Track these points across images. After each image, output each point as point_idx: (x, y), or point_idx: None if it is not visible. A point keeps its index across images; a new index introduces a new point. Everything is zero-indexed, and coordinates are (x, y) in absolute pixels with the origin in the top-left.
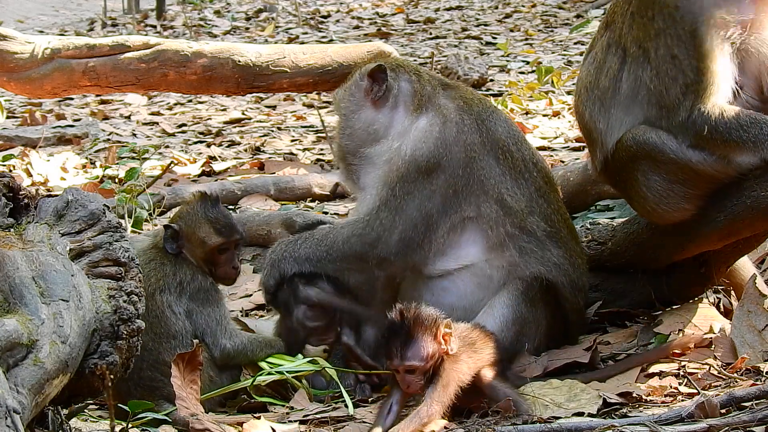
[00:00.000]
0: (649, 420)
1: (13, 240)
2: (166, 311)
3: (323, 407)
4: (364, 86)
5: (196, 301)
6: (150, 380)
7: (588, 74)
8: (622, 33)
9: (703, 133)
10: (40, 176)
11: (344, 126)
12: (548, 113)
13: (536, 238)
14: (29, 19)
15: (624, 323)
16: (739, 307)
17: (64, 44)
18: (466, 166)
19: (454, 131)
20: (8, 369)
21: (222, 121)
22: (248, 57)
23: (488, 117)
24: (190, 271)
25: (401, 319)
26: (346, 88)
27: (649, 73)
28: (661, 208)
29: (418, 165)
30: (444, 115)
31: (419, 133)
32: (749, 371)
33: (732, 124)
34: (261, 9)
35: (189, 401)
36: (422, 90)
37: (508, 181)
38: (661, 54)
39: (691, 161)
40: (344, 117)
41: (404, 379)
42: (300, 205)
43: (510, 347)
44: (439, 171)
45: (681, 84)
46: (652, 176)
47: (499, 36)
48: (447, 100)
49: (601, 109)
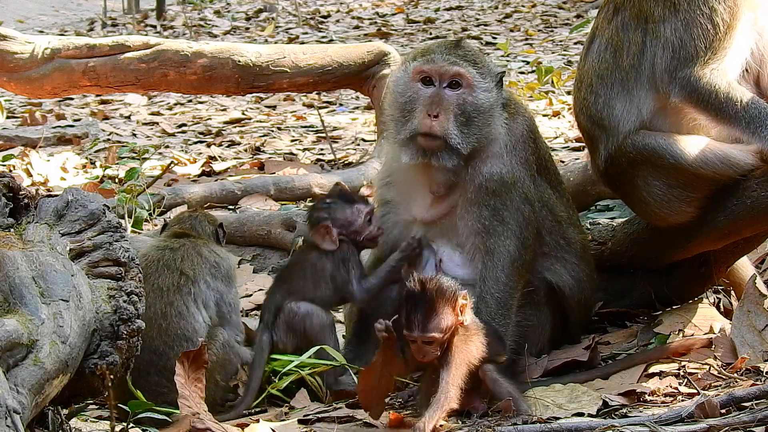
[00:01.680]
0: (649, 420)
1: (13, 240)
2: (185, 311)
3: (324, 407)
4: (497, 89)
5: (221, 278)
6: (156, 385)
7: (602, 60)
8: (641, 6)
9: (703, 95)
10: (40, 176)
11: (479, 122)
12: (548, 113)
13: (575, 250)
14: (29, 19)
15: (624, 323)
16: (739, 307)
17: (64, 44)
18: (531, 181)
19: (524, 152)
20: (8, 369)
21: (222, 121)
22: (248, 57)
23: (537, 131)
24: (223, 252)
25: (422, 290)
26: (485, 78)
27: (676, 25)
28: (663, 212)
29: (504, 181)
30: (519, 130)
31: (501, 149)
32: (749, 371)
33: (735, 97)
34: (261, 9)
35: (192, 400)
36: (509, 102)
37: (552, 193)
38: (687, 6)
39: (691, 165)
40: (481, 113)
41: (421, 349)
42: (300, 205)
43: (514, 348)
44: (516, 184)
45: (703, 37)
46: (652, 181)
47: (499, 36)
48: (519, 115)
49: (621, 92)
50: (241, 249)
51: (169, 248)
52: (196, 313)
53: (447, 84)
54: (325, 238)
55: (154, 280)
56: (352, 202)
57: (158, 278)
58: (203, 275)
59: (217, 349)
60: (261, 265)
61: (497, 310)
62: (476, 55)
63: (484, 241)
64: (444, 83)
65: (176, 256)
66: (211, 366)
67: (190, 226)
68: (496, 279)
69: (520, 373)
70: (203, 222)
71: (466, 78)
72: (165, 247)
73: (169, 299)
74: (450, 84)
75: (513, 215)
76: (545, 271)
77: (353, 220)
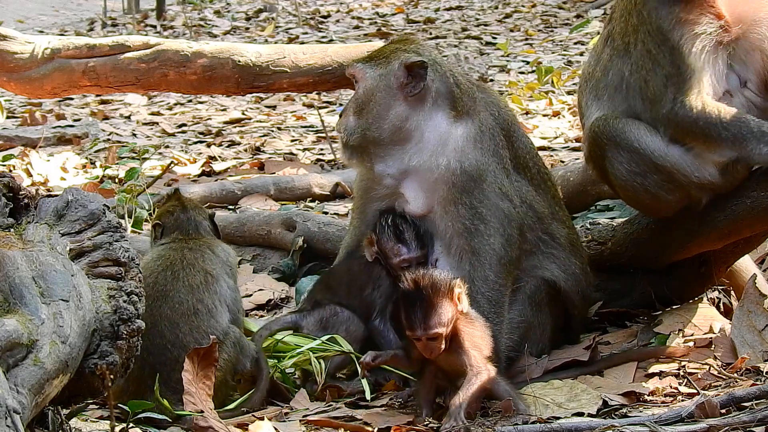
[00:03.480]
0: (649, 420)
1: (13, 240)
2: (214, 309)
3: (323, 407)
4: (401, 78)
5: (233, 278)
6: (177, 382)
7: (588, 65)
8: (614, 26)
9: (684, 126)
10: (40, 176)
11: (373, 113)
12: (548, 113)
13: (561, 245)
14: (29, 19)
15: (624, 323)
16: (739, 307)
17: (64, 44)
18: (505, 176)
19: (491, 145)
20: (8, 369)
21: (222, 121)
22: (248, 57)
23: (514, 128)
24: (229, 249)
25: (416, 288)
26: (376, 68)
27: (630, 67)
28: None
29: (470, 175)
30: (481, 125)
31: (462, 142)
32: (749, 371)
33: (712, 119)
34: (261, 9)
35: (198, 397)
36: (462, 96)
37: (532, 190)
38: (639, 49)
39: (667, 158)
40: (373, 102)
41: (427, 346)
42: (300, 205)
43: (513, 348)
44: (486, 178)
45: (660, 76)
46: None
47: (499, 36)
48: (484, 110)
49: (594, 100)
50: (241, 249)
51: (187, 248)
52: (223, 312)
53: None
54: (368, 248)
55: (184, 277)
56: (399, 240)
57: (187, 276)
58: (222, 274)
59: (229, 347)
60: (261, 265)
61: (489, 308)
62: (379, 51)
63: (468, 242)
64: (355, 83)
65: (197, 255)
66: (225, 364)
67: (194, 228)
68: (485, 278)
69: (519, 373)
70: (201, 222)
71: (357, 74)
72: (182, 248)
73: (199, 296)
74: (355, 83)
75: (493, 213)
76: (536, 269)
77: (390, 255)
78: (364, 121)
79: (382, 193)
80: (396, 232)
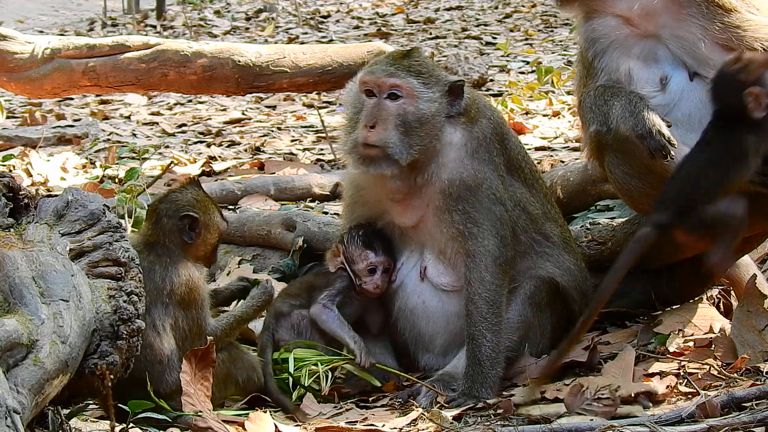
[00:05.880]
0: (649, 420)
1: (13, 240)
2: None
3: (335, 409)
4: (446, 98)
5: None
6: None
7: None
8: None
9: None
10: (40, 176)
11: (422, 133)
12: (548, 113)
13: (554, 243)
14: (29, 19)
15: (624, 323)
16: (739, 307)
17: (64, 44)
18: (500, 183)
19: (487, 155)
20: (8, 369)
21: (222, 121)
22: (248, 57)
23: (506, 131)
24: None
25: None
26: (428, 88)
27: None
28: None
29: (467, 185)
30: (479, 134)
31: (462, 153)
32: (749, 371)
33: (588, 103)
34: (261, 9)
35: (196, 398)
36: (471, 106)
37: (526, 192)
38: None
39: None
40: (426, 123)
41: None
42: (300, 205)
43: (513, 348)
44: (482, 186)
45: (579, 71)
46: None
47: (499, 36)
48: (482, 116)
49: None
50: (241, 249)
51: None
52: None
53: (387, 95)
54: (332, 259)
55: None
56: (366, 246)
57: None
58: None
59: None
60: (261, 265)
61: (487, 309)
62: (422, 65)
63: (463, 245)
64: (384, 94)
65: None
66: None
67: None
68: (482, 279)
69: (519, 373)
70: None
71: (405, 89)
72: None
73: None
74: (390, 95)
75: (485, 216)
76: (531, 269)
77: (357, 261)
78: (412, 140)
79: (372, 205)
80: (364, 240)
